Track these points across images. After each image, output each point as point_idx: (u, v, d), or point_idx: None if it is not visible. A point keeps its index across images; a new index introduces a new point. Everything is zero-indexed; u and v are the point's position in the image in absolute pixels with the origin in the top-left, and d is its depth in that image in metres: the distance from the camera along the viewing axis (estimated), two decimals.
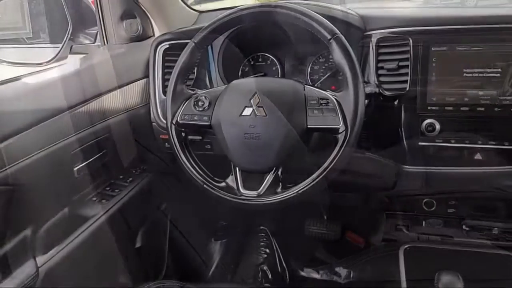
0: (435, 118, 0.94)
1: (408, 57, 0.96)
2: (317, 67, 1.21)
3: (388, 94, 0.99)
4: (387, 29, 1.00)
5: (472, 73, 0.92)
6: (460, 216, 1.10)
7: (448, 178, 0.96)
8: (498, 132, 0.90)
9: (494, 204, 1.07)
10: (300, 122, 0.87)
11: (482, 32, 0.92)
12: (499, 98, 0.90)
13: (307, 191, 0.85)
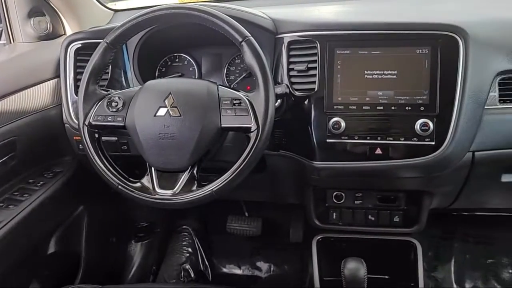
0: (340, 117, 1.00)
1: (316, 60, 1.02)
2: (233, 68, 1.24)
3: (298, 94, 1.05)
4: (297, 32, 1.06)
5: (372, 75, 1.00)
6: (366, 207, 1.19)
7: (354, 172, 1.04)
8: (395, 129, 0.99)
9: (395, 195, 1.17)
10: (214, 121, 0.90)
11: (380, 37, 1.00)
12: (395, 98, 0.99)
13: (222, 188, 0.88)
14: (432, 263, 1.60)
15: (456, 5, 1.21)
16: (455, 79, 0.96)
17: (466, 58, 0.95)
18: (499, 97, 1.00)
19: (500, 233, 1.64)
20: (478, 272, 1.56)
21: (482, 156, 1.02)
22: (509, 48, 1.00)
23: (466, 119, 0.96)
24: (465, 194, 1.16)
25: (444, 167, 1.01)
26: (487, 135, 1.00)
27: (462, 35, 0.96)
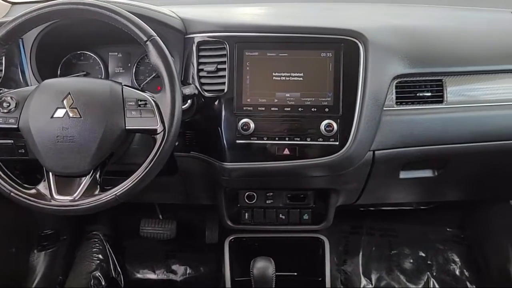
0: (250, 118, 1.01)
1: (225, 61, 1.03)
2: (143, 68, 1.21)
3: (208, 95, 1.04)
4: (207, 33, 1.05)
5: (280, 76, 1.02)
6: (277, 206, 1.21)
7: (264, 172, 1.06)
8: (302, 129, 1.02)
9: (305, 193, 1.21)
10: (117, 123, 0.86)
11: (287, 40, 1.03)
12: (302, 99, 1.02)
13: (126, 193, 0.85)
14: (341, 257, 1.68)
15: (358, 11, 1.28)
16: (357, 82, 1.01)
17: (366, 62, 1.01)
18: (396, 99, 1.07)
19: (402, 226, 1.76)
20: (383, 263, 1.67)
21: (381, 155, 1.08)
22: (404, 53, 1.07)
23: (366, 120, 1.01)
24: (368, 191, 1.23)
25: (348, 166, 1.05)
26: (386, 135, 1.06)
27: (362, 40, 1.01)
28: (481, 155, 1.15)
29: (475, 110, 1.10)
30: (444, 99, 1.09)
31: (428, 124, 1.08)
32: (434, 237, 1.73)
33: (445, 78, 1.09)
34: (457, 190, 1.39)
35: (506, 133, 1.12)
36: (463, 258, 1.69)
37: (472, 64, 1.11)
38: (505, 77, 1.13)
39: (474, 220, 1.74)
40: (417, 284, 1.62)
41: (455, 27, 1.22)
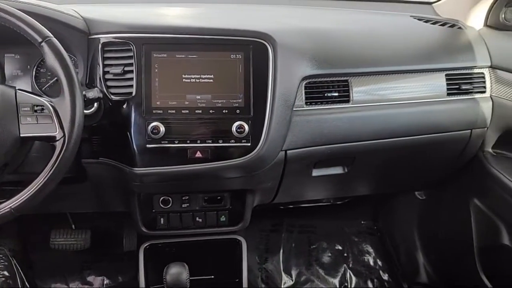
0: (159, 121, 0.99)
1: (132, 63, 0.99)
2: (44, 70, 1.12)
3: (116, 99, 1.00)
4: (112, 34, 1.01)
5: (190, 78, 1.01)
6: (193, 210, 1.20)
7: (177, 176, 1.04)
8: (214, 131, 1.01)
9: (221, 195, 1.21)
10: (10, 130, 0.80)
11: (196, 42, 1.01)
12: (213, 101, 1.01)
13: (22, 205, 0.79)
14: (263, 255, 1.71)
15: (267, 13, 1.30)
16: (266, 83, 1.02)
17: (275, 63, 1.02)
18: (306, 100, 1.10)
19: (320, 221, 1.83)
20: (302, 259, 1.72)
21: (293, 154, 1.11)
22: (311, 55, 1.10)
23: (277, 120, 1.02)
24: (283, 189, 1.25)
25: (261, 166, 1.07)
26: (297, 135, 1.09)
27: (270, 42, 1.03)
28: (385, 151, 1.22)
29: (380, 108, 1.16)
30: (350, 99, 1.14)
31: (336, 123, 1.12)
32: (349, 230, 1.82)
33: (351, 78, 1.14)
34: (367, 185, 1.46)
35: (407, 130, 1.19)
36: (376, 248, 1.79)
37: (376, 65, 1.17)
38: (407, 77, 1.20)
39: (384, 212, 1.85)
40: (335, 276, 1.69)
41: (360, 30, 1.28)
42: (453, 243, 1.51)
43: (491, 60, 1.26)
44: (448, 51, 1.26)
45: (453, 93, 1.22)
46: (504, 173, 1.20)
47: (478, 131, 1.27)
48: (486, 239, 1.35)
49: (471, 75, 1.25)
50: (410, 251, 1.71)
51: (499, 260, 1.32)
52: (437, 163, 1.38)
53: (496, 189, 1.23)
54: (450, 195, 1.52)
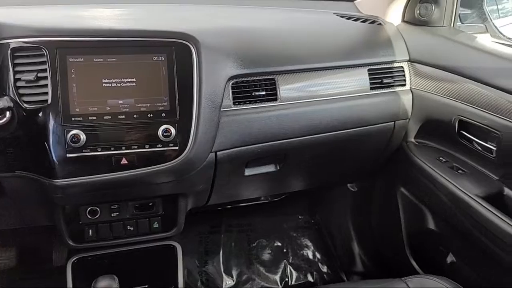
0: (79, 129, 0.94)
1: (46, 68, 0.93)
2: None
3: (30, 107, 0.93)
4: (22, 38, 0.94)
5: (111, 83, 0.96)
6: (124, 218, 1.15)
7: (103, 185, 0.99)
8: (139, 137, 0.98)
9: (152, 201, 1.17)
10: None
11: (114, 44, 0.97)
12: (137, 105, 0.98)
13: None
14: (203, 258, 1.69)
15: (189, 13, 1.27)
16: (192, 85, 1.00)
17: (200, 64, 1.01)
18: (233, 100, 1.10)
19: (259, 219, 1.84)
20: (242, 258, 1.72)
21: (224, 155, 1.10)
22: (237, 54, 1.09)
23: (205, 122, 1.01)
24: (217, 191, 1.24)
25: (191, 169, 1.05)
26: (226, 136, 1.08)
27: (193, 43, 1.01)
28: (315, 147, 1.24)
29: (307, 105, 1.18)
30: (278, 97, 1.14)
31: (264, 122, 1.13)
32: (287, 226, 1.84)
33: (277, 76, 1.15)
34: (301, 181, 1.48)
35: (334, 125, 1.22)
36: (314, 242, 1.83)
37: (302, 63, 1.19)
38: (332, 73, 1.23)
39: (321, 205, 1.89)
40: (276, 273, 1.70)
41: (284, 28, 1.29)
42: (384, 231, 1.58)
43: (409, 54, 1.31)
44: (369, 46, 1.31)
45: (376, 87, 1.27)
46: (425, 162, 1.27)
47: (400, 122, 1.33)
48: (413, 225, 1.41)
49: (392, 69, 1.30)
50: (346, 242, 1.76)
51: (426, 244, 1.39)
52: (365, 155, 1.43)
53: (419, 177, 1.29)
54: (379, 185, 1.58)
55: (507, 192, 1.09)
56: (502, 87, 1.05)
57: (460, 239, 1.23)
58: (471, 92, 1.13)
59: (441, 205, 1.22)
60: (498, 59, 1.11)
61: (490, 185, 1.12)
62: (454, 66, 1.19)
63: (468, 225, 1.12)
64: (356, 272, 1.72)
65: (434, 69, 1.25)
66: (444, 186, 1.18)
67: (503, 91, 1.04)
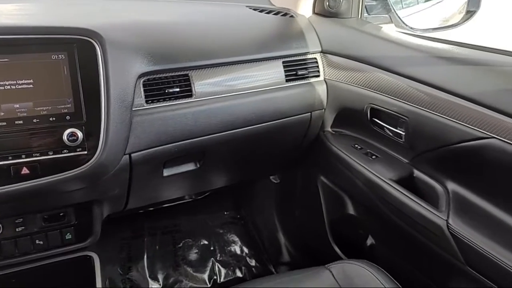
0: None
1: None
2: None
3: None
4: None
5: (4, 85, 0.87)
6: (31, 232, 1.06)
7: (2, 199, 0.89)
8: (41, 143, 0.89)
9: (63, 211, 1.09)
10: None
11: (6, 43, 0.87)
12: (36, 109, 0.89)
13: None
14: (126, 265, 1.61)
15: (92, 8, 1.19)
16: (98, 85, 0.93)
17: (106, 62, 0.94)
18: (146, 98, 1.04)
19: (183, 219, 1.79)
20: (168, 261, 1.67)
21: (139, 157, 1.04)
22: (146, 50, 1.04)
23: (115, 123, 0.95)
24: (135, 194, 1.18)
25: (103, 174, 0.98)
26: (140, 136, 1.03)
27: (97, 39, 0.94)
28: (234, 142, 1.23)
29: (223, 100, 1.16)
30: (193, 93, 1.11)
31: (180, 119, 1.09)
32: (213, 223, 1.82)
33: (191, 72, 1.12)
34: (223, 177, 1.46)
35: (252, 119, 1.21)
36: (241, 237, 1.82)
37: (216, 57, 1.16)
38: (247, 67, 1.21)
39: (246, 199, 1.89)
40: (204, 272, 1.67)
41: (197, 22, 1.25)
42: (308, 219, 1.61)
43: (321, 46, 1.34)
44: (283, 39, 1.31)
45: (291, 79, 1.28)
46: (341, 149, 1.30)
47: (317, 113, 1.35)
48: (334, 212, 1.46)
49: (306, 60, 1.32)
50: (272, 234, 1.77)
51: (347, 230, 1.44)
52: (285, 147, 1.44)
53: (337, 165, 1.32)
54: (300, 175, 1.61)
55: (416, 174, 1.15)
56: (407, 74, 1.10)
57: (378, 222, 1.29)
58: (379, 80, 1.17)
59: (358, 191, 1.26)
60: (402, 48, 1.17)
61: (401, 169, 1.17)
62: (363, 56, 1.23)
63: (383, 208, 1.17)
64: (284, 263, 1.74)
65: (345, 59, 1.28)
66: (360, 172, 1.22)
67: (408, 78, 1.10)
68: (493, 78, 0.94)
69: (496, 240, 0.92)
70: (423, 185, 1.13)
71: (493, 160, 0.91)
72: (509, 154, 0.87)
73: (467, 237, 0.95)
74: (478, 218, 0.97)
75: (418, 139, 1.11)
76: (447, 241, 0.99)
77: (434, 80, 1.03)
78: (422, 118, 1.06)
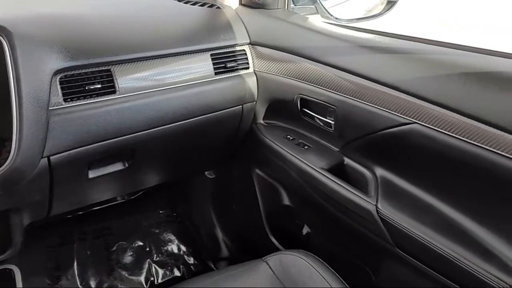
0: None
1: None
2: None
3: None
4: None
5: None
6: None
7: None
8: None
9: None
10: None
11: None
12: None
13: None
14: (54, 274, 1.51)
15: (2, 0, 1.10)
16: (7, 83, 0.85)
17: (15, 59, 0.87)
18: (64, 96, 0.97)
19: (116, 221, 1.72)
20: (101, 266, 1.59)
21: (59, 159, 0.97)
22: (62, 45, 0.97)
23: (30, 125, 0.87)
24: (58, 199, 1.11)
25: (19, 180, 0.91)
26: (59, 137, 0.95)
27: (5, 35, 0.86)
28: (165, 139, 1.19)
29: (150, 96, 1.11)
30: (116, 89, 1.05)
31: (104, 117, 1.03)
32: (148, 223, 1.76)
33: (114, 67, 1.06)
34: (155, 175, 1.41)
35: (181, 114, 1.17)
36: (178, 235, 1.78)
37: (140, 51, 1.11)
38: (174, 61, 1.17)
39: (181, 197, 1.84)
40: (140, 274, 1.61)
41: (118, 14, 1.19)
42: (245, 213, 1.60)
43: (249, 37, 1.32)
44: (209, 31, 1.28)
45: (220, 72, 1.25)
46: (274, 141, 1.30)
47: (248, 105, 1.34)
48: (270, 204, 1.46)
49: (234, 52, 1.30)
50: (210, 230, 1.75)
51: (283, 220, 1.45)
52: (218, 141, 1.42)
53: (270, 157, 1.32)
54: (236, 169, 1.59)
55: (347, 162, 1.18)
56: (334, 64, 1.12)
57: (312, 211, 1.30)
58: (308, 70, 1.18)
59: (292, 181, 1.27)
60: (328, 38, 1.18)
61: (332, 157, 1.19)
62: (291, 47, 1.23)
63: (317, 197, 1.19)
64: (223, 259, 1.72)
65: (274, 50, 1.28)
66: (293, 162, 1.23)
67: (335, 67, 1.11)
68: (413, 65, 0.98)
69: (421, 221, 0.96)
70: (353, 172, 1.16)
71: (416, 144, 0.95)
72: (430, 138, 0.91)
73: (394, 220, 0.98)
74: (404, 201, 1.01)
75: (347, 128, 1.13)
76: (377, 225, 1.02)
77: (359, 69, 1.05)
78: (350, 106, 1.08)
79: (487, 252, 0.85)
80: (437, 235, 0.92)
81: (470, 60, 0.90)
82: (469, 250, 0.87)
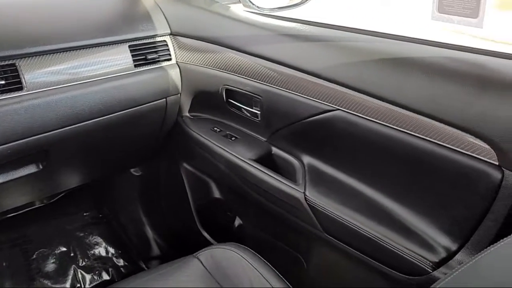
0: None
1: None
2: None
3: None
4: None
5: None
6: None
7: None
8: None
9: None
10: None
11: None
12: None
13: None
14: None
15: None
16: None
17: None
18: None
19: (35, 227, 1.60)
20: (20, 277, 1.47)
21: None
22: None
23: None
24: None
25: None
26: None
27: None
28: (82, 137, 1.11)
29: (63, 92, 1.03)
30: (23, 86, 0.97)
31: (11, 116, 0.94)
32: (71, 227, 1.66)
33: (19, 61, 0.97)
34: (75, 176, 1.33)
35: (99, 110, 1.10)
36: (105, 237, 1.69)
37: (50, 43, 1.03)
38: (88, 53, 1.10)
39: (106, 197, 1.76)
40: (64, 282, 1.51)
41: (24, 4, 1.09)
42: (175, 209, 1.56)
43: (170, 28, 1.28)
44: (127, 21, 1.22)
45: (141, 64, 1.20)
46: (201, 134, 1.27)
47: (172, 98, 1.30)
48: (200, 198, 1.43)
49: (155, 43, 1.25)
50: (139, 229, 1.68)
51: (214, 214, 1.43)
52: (142, 136, 1.36)
53: (198, 150, 1.29)
54: (163, 165, 1.54)
55: (274, 151, 1.18)
56: (257, 53, 1.10)
57: (243, 203, 1.29)
58: (232, 61, 1.16)
59: (221, 174, 1.25)
60: (251, 27, 1.16)
61: (260, 147, 1.19)
62: (213, 37, 1.20)
63: (246, 188, 1.18)
64: (154, 258, 1.67)
65: (196, 41, 1.24)
66: (221, 154, 1.21)
67: (258, 57, 1.10)
68: (334, 53, 0.99)
69: (347, 205, 0.98)
70: (281, 161, 1.16)
71: (340, 131, 0.96)
72: (353, 124, 0.93)
73: (322, 206, 1.00)
74: (331, 187, 1.03)
75: (273, 117, 1.13)
76: (306, 212, 1.03)
77: (281, 57, 1.05)
78: (274, 96, 1.08)
79: (409, 232, 0.89)
80: (363, 218, 0.95)
81: (386, 46, 0.93)
82: (393, 231, 0.91)
